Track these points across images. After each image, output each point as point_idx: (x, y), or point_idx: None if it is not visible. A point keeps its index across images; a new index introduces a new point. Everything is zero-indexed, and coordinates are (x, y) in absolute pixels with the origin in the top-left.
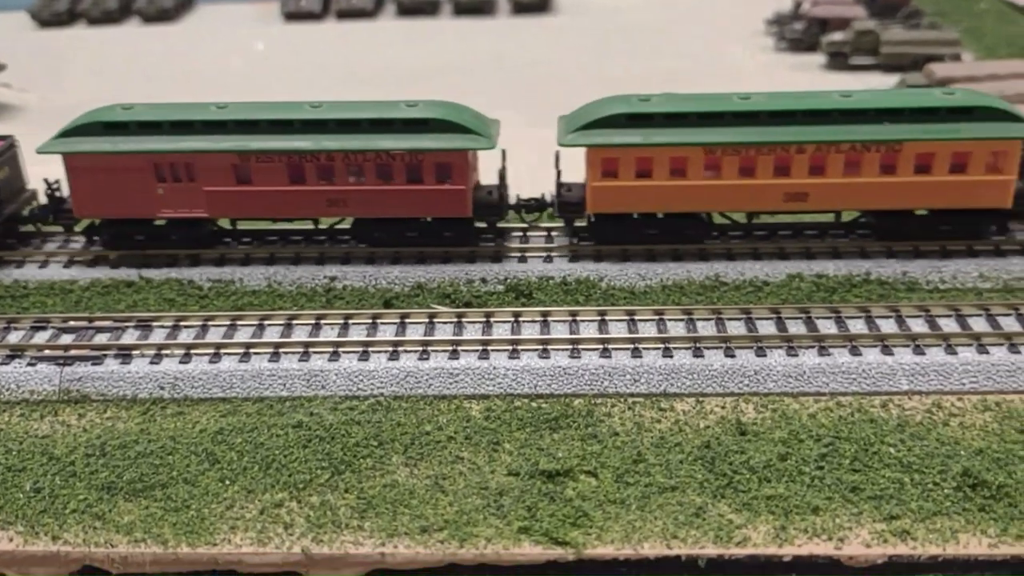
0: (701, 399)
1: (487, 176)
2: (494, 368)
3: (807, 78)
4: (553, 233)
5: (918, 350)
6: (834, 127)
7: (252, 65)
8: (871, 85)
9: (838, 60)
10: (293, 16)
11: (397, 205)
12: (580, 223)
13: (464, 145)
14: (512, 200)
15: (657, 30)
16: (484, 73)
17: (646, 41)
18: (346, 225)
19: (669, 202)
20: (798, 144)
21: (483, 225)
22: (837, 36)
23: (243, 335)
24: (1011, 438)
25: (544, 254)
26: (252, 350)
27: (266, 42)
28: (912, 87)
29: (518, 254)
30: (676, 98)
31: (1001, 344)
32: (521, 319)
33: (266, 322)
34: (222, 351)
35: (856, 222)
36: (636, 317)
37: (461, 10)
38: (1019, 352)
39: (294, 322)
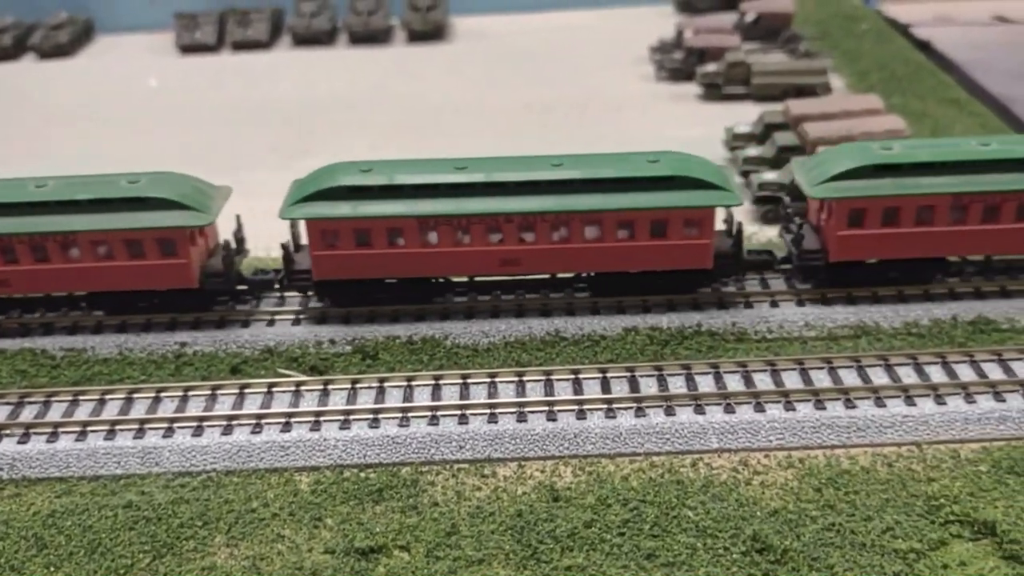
0: (523, 463)
1: None
2: (324, 440)
3: (682, 108)
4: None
5: (729, 408)
6: None
7: (148, 100)
8: (744, 115)
9: (712, 91)
10: (188, 48)
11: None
12: None
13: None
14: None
15: (548, 57)
16: (374, 104)
17: (537, 69)
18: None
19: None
20: None
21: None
22: (711, 67)
23: (83, 411)
24: (807, 497)
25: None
26: (88, 428)
27: (160, 76)
28: (770, 124)
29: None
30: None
31: (808, 400)
32: (358, 386)
33: (107, 396)
34: (60, 429)
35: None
36: (470, 380)
37: (357, 39)
38: (824, 408)
39: (135, 396)
